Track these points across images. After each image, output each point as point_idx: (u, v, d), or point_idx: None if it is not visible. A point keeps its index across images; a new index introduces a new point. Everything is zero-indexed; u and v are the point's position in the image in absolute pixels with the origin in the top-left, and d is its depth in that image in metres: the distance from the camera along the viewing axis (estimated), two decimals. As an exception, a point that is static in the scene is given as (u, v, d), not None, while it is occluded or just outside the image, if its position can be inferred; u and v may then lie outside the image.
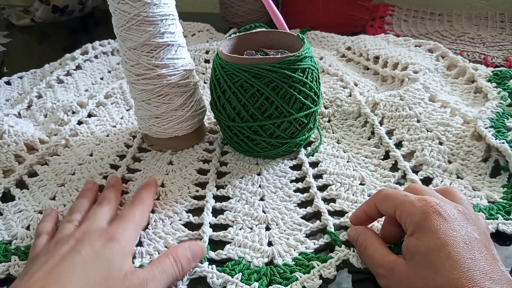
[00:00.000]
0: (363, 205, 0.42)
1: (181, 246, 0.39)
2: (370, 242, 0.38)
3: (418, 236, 0.33)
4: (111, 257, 0.36)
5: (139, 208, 0.43)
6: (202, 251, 0.40)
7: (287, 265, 0.39)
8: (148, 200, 0.45)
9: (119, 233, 0.38)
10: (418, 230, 0.33)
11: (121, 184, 0.49)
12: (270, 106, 0.47)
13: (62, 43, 1.02)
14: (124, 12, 0.46)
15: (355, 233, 0.40)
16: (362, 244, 0.38)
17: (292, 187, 0.49)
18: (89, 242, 0.36)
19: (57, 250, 0.36)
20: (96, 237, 0.37)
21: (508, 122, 0.53)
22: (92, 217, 0.41)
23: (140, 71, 0.49)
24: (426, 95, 0.59)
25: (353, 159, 0.53)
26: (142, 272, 0.35)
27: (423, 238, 0.33)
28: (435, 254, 0.31)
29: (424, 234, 0.33)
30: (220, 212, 0.46)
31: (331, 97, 0.64)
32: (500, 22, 0.93)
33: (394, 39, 0.81)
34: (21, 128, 0.59)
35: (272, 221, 0.45)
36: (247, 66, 0.46)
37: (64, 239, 0.37)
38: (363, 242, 0.38)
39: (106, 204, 0.43)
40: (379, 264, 0.36)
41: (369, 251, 0.37)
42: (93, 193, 0.47)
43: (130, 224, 0.41)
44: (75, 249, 0.36)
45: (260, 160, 0.54)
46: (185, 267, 0.38)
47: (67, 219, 0.42)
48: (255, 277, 0.38)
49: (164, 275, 0.36)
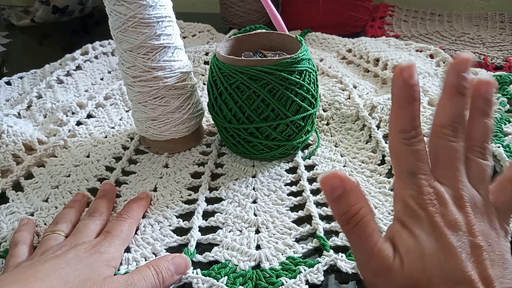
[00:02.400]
0: None
1: (164, 258, 0.39)
2: (367, 218, 0.28)
3: None
4: (94, 264, 0.36)
5: (127, 222, 0.43)
6: (186, 265, 0.39)
7: (274, 269, 0.39)
8: (137, 214, 0.45)
9: (104, 248, 0.39)
10: None
11: (115, 193, 0.49)
12: (266, 108, 0.47)
13: (62, 44, 1.02)
14: (120, 14, 0.46)
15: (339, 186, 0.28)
16: (353, 212, 0.28)
17: (286, 190, 0.49)
18: (75, 251, 0.37)
19: (42, 257, 0.37)
20: (81, 250, 0.38)
21: (505, 127, 0.53)
22: (83, 230, 0.41)
23: (136, 73, 0.49)
24: (425, 99, 0.59)
25: (349, 163, 0.53)
26: (122, 278, 0.36)
27: None
28: None
29: None
30: (211, 214, 0.46)
31: (329, 99, 0.64)
32: (500, 22, 0.93)
33: (395, 42, 0.80)
34: (20, 128, 0.59)
35: (262, 224, 0.44)
36: (244, 67, 0.46)
37: (51, 251, 0.38)
38: (355, 211, 0.28)
39: (97, 217, 0.44)
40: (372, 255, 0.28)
41: (364, 230, 0.28)
42: (82, 205, 0.47)
43: (116, 239, 0.40)
44: (60, 254, 0.37)
45: (257, 162, 0.53)
46: (166, 280, 0.37)
47: (51, 229, 0.42)
48: (240, 281, 0.38)
49: (143, 283, 0.36)
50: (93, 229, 0.42)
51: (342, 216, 0.28)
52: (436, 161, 0.31)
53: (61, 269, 0.35)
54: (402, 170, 0.30)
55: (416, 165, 0.30)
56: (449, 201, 0.29)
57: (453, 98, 0.31)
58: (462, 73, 0.31)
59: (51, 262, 0.35)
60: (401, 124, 0.30)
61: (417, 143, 0.30)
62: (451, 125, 0.31)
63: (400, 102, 0.30)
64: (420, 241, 0.28)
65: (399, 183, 0.31)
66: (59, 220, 0.43)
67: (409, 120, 0.30)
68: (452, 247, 0.27)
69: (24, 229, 0.44)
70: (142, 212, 0.46)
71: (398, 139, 0.30)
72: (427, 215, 0.28)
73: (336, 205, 0.28)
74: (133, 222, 0.44)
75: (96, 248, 0.38)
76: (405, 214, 0.29)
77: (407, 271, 0.27)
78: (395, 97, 0.31)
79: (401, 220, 0.30)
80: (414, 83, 0.30)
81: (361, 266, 0.30)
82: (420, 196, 0.29)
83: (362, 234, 0.28)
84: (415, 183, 0.29)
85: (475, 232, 0.28)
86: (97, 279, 0.35)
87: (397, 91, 0.30)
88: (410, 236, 0.28)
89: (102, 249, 0.38)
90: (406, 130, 0.30)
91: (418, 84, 0.30)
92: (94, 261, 0.37)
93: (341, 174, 0.28)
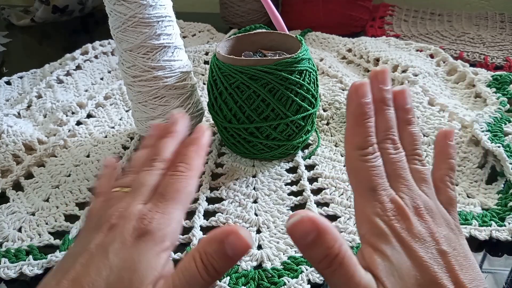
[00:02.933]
0: None
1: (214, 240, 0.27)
2: (348, 255, 0.26)
3: None
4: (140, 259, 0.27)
5: (184, 177, 0.32)
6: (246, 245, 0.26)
7: (276, 269, 0.39)
8: (197, 162, 0.33)
9: (155, 223, 0.29)
10: None
11: (186, 123, 0.36)
12: (266, 108, 0.47)
13: (62, 43, 1.02)
14: (120, 14, 0.46)
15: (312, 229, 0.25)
16: (334, 254, 0.26)
17: (287, 190, 0.49)
18: (121, 237, 0.28)
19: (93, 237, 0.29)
20: (130, 229, 0.28)
21: (505, 127, 0.53)
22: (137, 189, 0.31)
23: (136, 73, 0.49)
24: (425, 99, 0.59)
25: (349, 163, 0.53)
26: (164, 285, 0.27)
27: None
28: None
29: None
30: (212, 214, 0.46)
31: (330, 99, 0.64)
32: (500, 22, 0.93)
33: (395, 42, 0.81)
34: (20, 128, 0.59)
35: (263, 224, 0.45)
36: (244, 67, 0.46)
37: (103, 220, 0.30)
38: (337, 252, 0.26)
39: (158, 162, 0.32)
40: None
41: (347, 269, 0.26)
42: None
43: (172, 205, 0.30)
44: (104, 247, 0.28)
45: (257, 162, 0.53)
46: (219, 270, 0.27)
47: (119, 182, 0.33)
48: (242, 281, 0.38)
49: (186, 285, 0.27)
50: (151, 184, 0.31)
51: (321, 260, 0.26)
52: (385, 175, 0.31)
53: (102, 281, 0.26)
54: (362, 187, 0.31)
55: (375, 181, 0.30)
56: (410, 214, 0.29)
57: (383, 112, 0.32)
58: (383, 87, 0.33)
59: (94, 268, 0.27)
60: (358, 141, 0.31)
61: (374, 160, 0.31)
62: (388, 138, 0.32)
63: (356, 120, 0.31)
64: (394, 262, 0.28)
65: (361, 201, 0.31)
66: (128, 170, 0.34)
67: (365, 137, 0.31)
68: (423, 261, 0.27)
69: (103, 176, 0.36)
70: (203, 158, 0.33)
71: (356, 156, 0.31)
72: (393, 232, 0.29)
73: (312, 251, 0.26)
74: (193, 175, 0.32)
75: (145, 223, 0.28)
76: (373, 235, 0.29)
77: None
78: (351, 114, 0.32)
79: (370, 242, 0.29)
80: (368, 102, 0.31)
81: None
82: (384, 213, 0.29)
83: (345, 274, 0.26)
84: (377, 199, 0.30)
85: (439, 240, 0.29)
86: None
87: (353, 109, 0.31)
88: (384, 259, 0.28)
89: (152, 227, 0.28)
90: (363, 147, 0.31)
91: (371, 102, 0.32)
92: (139, 254, 0.27)
93: (310, 215, 0.25)
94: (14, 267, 0.41)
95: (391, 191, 0.30)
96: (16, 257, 0.42)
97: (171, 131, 0.34)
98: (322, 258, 0.26)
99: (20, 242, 0.44)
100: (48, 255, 0.42)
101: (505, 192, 0.45)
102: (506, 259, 0.41)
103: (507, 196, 0.45)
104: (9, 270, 0.40)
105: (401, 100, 0.33)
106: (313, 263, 0.27)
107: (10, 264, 0.41)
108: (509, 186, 0.45)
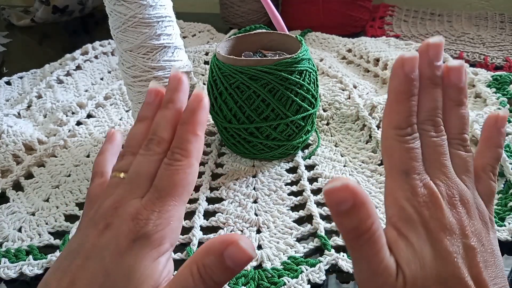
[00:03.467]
0: None
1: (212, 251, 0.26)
2: (378, 233, 0.26)
3: None
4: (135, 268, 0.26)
5: (182, 166, 0.29)
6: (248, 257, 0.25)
7: (276, 269, 0.39)
8: (196, 149, 0.29)
9: (151, 224, 0.27)
10: None
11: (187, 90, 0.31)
12: (266, 108, 0.47)
13: (62, 44, 1.02)
14: (120, 14, 0.47)
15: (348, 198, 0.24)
16: (365, 229, 0.25)
17: (287, 190, 0.49)
18: (116, 241, 0.26)
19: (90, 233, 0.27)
20: (125, 231, 0.27)
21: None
22: (133, 175, 0.29)
23: (136, 73, 0.49)
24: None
25: (350, 163, 0.53)
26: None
27: None
28: None
29: None
30: (212, 214, 0.46)
31: (330, 99, 0.64)
32: (500, 22, 0.93)
33: (395, 42, 0.81)
34: (20, 128, 0.59)
35: (263, 224, 0.45)
36: (244, 67, 0.46)
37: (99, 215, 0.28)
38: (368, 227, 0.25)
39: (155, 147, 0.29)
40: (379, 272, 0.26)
41: (374, 247, 0.26)
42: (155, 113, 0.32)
43: (169, 201, 0.28)
44: (100, 250, 0.27)
45: (257, 162, 0.53)
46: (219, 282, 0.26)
47: (116, 166, 0.31)
48: (242, 281, 0.38)
49: None
50: (148, 172, 0.29)
51: (350, 231, 0.25)
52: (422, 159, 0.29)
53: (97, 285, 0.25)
54: (395, 169, 0.29)
55: (410, 164, 0.28)
56: (442, 202, 0.28)
57: (430, 90, 0.29)
58: (435, 62, 0.29)
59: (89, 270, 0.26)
60: (397, 120, 0.29)
61: (412, 141, 0.28)
62: (431, 119, 0.29)
63: (398, 97, 0.29)
64: (417, 250, 0.27)
65: (392, 184, 0.29)
66: (125, 151, 0.31)
67: (406, 117, 0.28)
68: (448, 253, 0.26)
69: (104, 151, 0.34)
70: (201, 139, 0.30)
71: (392, 135, 0.29)
72: (422, 219, 0.27)
73: (344, 219, 0.25)
74: (191, 162, 0.29)
75: (140, 228, 0.26)
76: (400, 219, 0.28)
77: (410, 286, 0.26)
78: (393, 90, 0.29)
79: (396, 226, 0.28)
80: (415, 78, 0.28)
81: (362, 281, 0.27)
82: (415, 198, 0.28)
83: (370, 251, 0.26)
84: (409, 183, 0.28)
85: (468, 234, 0.27)
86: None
87: (396, 84, 0.29)
88: (408, 245, 0.27)
89: (148, 229, 0.26)
90: (401, 126, 0.29)
91: (418, 79, 0.29)
92: (135, 260, 0.26)
93: (351, 185, 0.24)
94: (14, 267, 0.41)
95: (426, 176, 0.28)
96: (16, 257, 0.42)
97: (171, 100, 0.30)
98: (352, 229, 0.25)
99: (20, 242, 0.44)
100: (48, 255, 0.42)
101: (505, 192, 0.46)
102: (506, 259, 0.41)
103: (507, 196, 0.45)
104: (9, 270, 0.40)
105: (456, 78, 0.30)
106: (342, 231, 0.26)
107: (10, 264, 0.41)
108: (509, 186, 0.45)
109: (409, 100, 0.29)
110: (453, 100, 0.30)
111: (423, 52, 0.29)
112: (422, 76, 0.29)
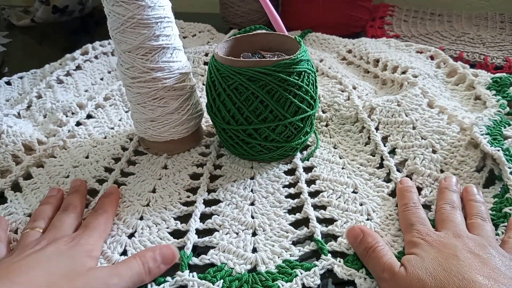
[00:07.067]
0: None
1: (151, 249, 0.40)
2: (381, 246, 0.38)
3: None
4: (75, 256, 0.37)
5: (103, 216, 0.44)
6: (173, 255, 0.40)
7: (270, 272, 0.39)
8: (111, 208, 0.46)
9: (84, 240, 0.39)
10: None
11: (85, 188, 0.50)
12: (264, 109, 0.47)
13: (62, 44, 1.02)
14: (118, 15, 0.46)
15: (359, 233, 0.40)
16: (370, 245, 0.39)
17: (284, 192, 0.49)
18: (55, 245, 0.38)
19: (21, 253, 0.38)
20: (61, 243, 0.38)
21: (505, 130, 0.52)
22: (58, 224, 0.42)
23: (135, 74, 0.49)
24: (424, 101, 0.59)
25: (348, 166, 0.53)
26: (107, 268, 0.37)
27: None
28: None
29: None
30: (209, 216, 0.46)
31: (329, 101, 0.64)
32: (500, 22, 0.93)
33: (395, 43, 0.80)
34: (19, 129, 0.59)
35: (259, 226, 0.44)
36: (242, 68, 0.46)
37: (30, 246, 0.38)
38: (372, 244, 0.39)
39: (71, 210, 0.44)
40: (385, 268, 0.36)
41: (378, 254, 0.38)
42: (57, 200, 0.47)
43: (95, 232, 0.41)
44: (40, 249, 0.37)
45: (255, 163, 0.53)
46: (153, 270, 0.38)
47: (29, 226, 0.43)
48: (236, 284, 0.38)
49: (129, 272, 0.37)
50: (69, 223, 0.42)
51: (363, 251, 0.39)
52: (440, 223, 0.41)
53: (44, 263, 0.35)
54: (404, 226, 0.42)
55: (413, 220, 0.41)
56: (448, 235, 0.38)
57: (450, 192, 0.45)
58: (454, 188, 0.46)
59: (33, 256, 0.36)
60: (403, 201, 0.45)
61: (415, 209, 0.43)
62: (449, 204, 0.43)
63: (407, 204, 0.44)
64: (419, 254, 0.36)
65: (406, 236, 0.41)
66: (36, 217, 0.44)
67: (410, 199, 0.45)
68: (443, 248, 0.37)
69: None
70: (115, 206, 0.47)
71: (400, 210, 0.44)
72: (426, 241, 0.38)
73: (359, 245, 0.40)
74: (109, 215, 0.45)
75: (76, 240, 0.39)
76: (410, 248, 0.38)
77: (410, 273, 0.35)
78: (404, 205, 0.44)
79: (408, 253, 0.38)
80: None
81: (377, 278, 0.37)
82: (420, 235, 0.39)
83: (376, 256, 0.38)
84: (415, 229, 0.40)
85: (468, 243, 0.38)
86: (81, 269, 0.36)
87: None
88: (412, 254, 0.37)
89: (82, 241, 0.39)
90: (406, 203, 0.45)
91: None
92: (76, 253, 0.37)
93: (360, 226, 0.42)
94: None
95: (430, 227, 0.40)
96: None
97: None
98: (364, 249, 0.39)
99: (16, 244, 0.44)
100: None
101: (501, 196, 0.45)
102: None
103: (502, 201, 0.44)
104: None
105: (472, 198, 0.44)
106: (358, 253, 0.40)
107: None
108: (506, 190, 0.45)
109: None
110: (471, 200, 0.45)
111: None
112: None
